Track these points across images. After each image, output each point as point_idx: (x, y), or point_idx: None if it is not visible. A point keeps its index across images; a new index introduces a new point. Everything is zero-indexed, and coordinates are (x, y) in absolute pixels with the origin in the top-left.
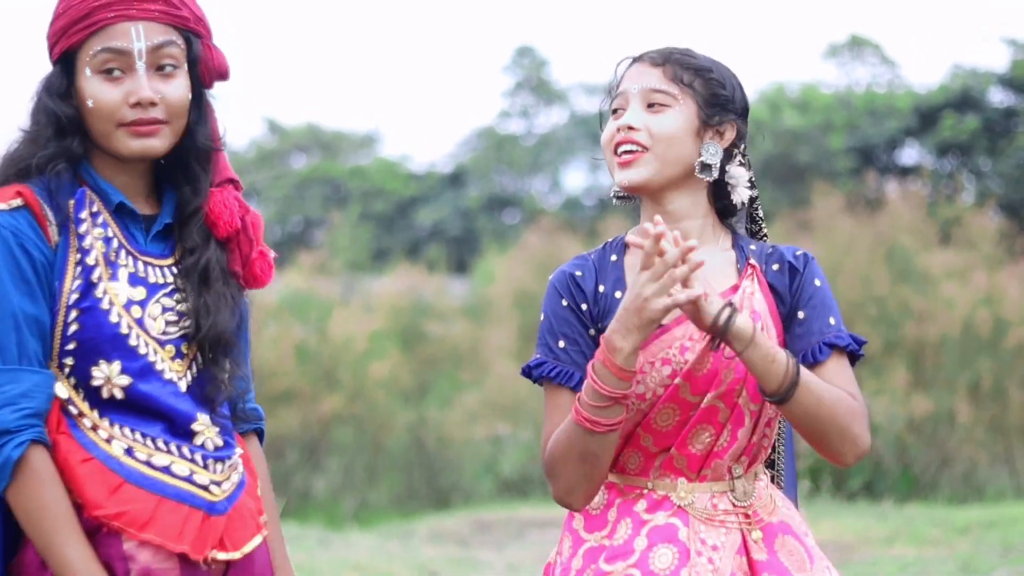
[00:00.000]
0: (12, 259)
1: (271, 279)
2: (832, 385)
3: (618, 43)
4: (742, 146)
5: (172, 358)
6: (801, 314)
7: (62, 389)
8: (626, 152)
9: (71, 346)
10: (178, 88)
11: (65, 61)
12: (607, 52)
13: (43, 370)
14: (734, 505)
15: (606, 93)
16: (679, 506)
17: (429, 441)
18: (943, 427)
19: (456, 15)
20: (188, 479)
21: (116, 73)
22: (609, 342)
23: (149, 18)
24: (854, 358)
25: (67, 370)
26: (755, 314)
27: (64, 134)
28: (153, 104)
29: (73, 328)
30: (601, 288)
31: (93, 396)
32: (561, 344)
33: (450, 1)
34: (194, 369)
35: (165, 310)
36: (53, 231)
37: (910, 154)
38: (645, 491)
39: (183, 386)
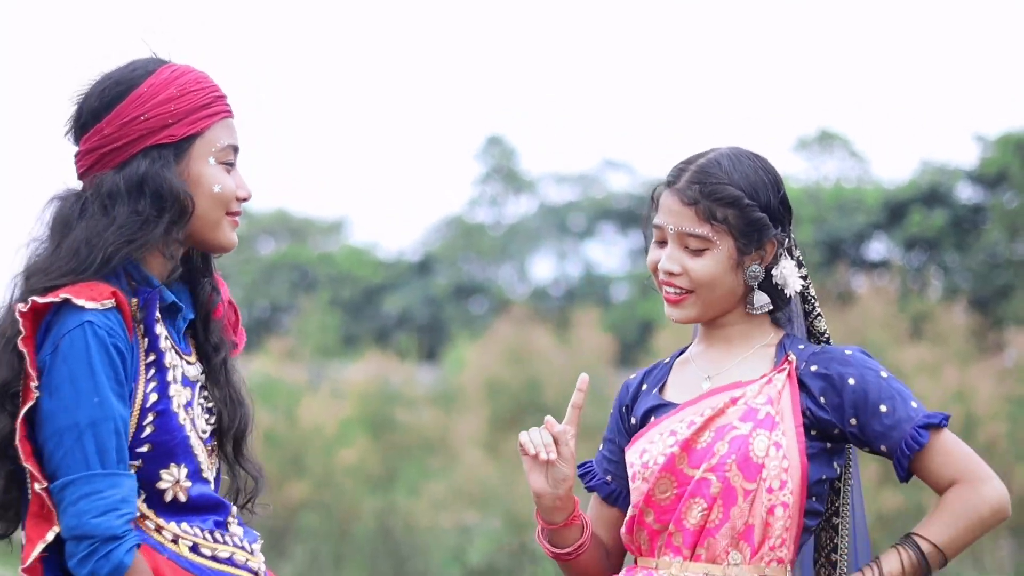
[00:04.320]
0: (110, 362)
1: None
2: (949, 469)
3: (589, 134)
4: (786, 242)
5: (209, 455)
6: (884, 407)
7: None
8: (672, 291)
9: (143, 448)
10: None
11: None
12: (577, 143)
13: (132, 474)
14: None
15: (644, 215)
16: None
17: (397, 528)
18: (912, 522)
19: (426, 104)
20: (245, 567)
21: (228, 167)
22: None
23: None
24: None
25: (133, 471)
26: (769, 400)
27: (163, 217)
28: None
29: (148, 431)
30: (644, 387)
31: (154, 498)
32: (602, 447)
33: (420, 90)
34: (217, 463)
35: (203, 409)
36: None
37: (878, 248)
38: (651, 570)
39: (213, 480)
